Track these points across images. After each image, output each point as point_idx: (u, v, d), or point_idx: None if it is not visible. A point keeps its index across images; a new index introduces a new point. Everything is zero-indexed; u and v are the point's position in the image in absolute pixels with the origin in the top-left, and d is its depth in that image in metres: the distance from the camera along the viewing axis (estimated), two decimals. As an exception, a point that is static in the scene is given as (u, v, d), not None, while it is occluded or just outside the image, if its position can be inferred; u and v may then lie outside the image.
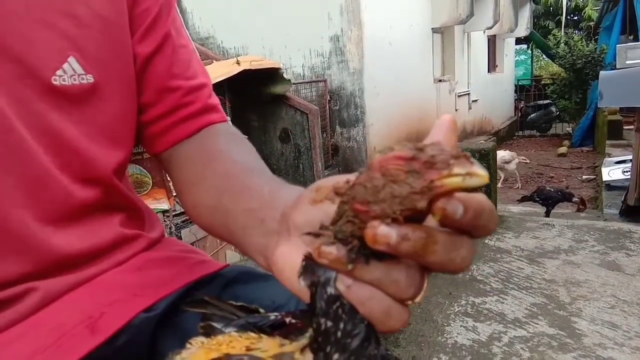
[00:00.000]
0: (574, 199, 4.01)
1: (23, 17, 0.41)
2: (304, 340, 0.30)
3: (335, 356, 0.26)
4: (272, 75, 4.39)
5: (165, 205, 3.38)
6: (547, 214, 3.79)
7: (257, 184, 0.42)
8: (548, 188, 4.04)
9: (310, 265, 0.28)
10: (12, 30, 0.40)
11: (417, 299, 0.26)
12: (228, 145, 0.54)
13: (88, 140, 0.45)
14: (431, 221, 0.25)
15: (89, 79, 0.45)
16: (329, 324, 0.26)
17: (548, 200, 3.81)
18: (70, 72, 0.43)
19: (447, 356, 1.96)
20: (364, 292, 0.26)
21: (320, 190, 0.29)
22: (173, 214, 3.55)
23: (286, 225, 0.32)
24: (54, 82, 0.42)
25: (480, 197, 0.24)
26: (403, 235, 0.23)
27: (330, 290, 0.26)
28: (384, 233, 0.23)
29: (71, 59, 0.43)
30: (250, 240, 0.38)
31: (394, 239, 0.23)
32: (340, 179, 0.29)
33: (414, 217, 0.24)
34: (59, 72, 0.43)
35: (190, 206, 0.51)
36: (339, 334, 0.26)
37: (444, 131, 0.26)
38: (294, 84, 4.89)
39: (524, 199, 4.37)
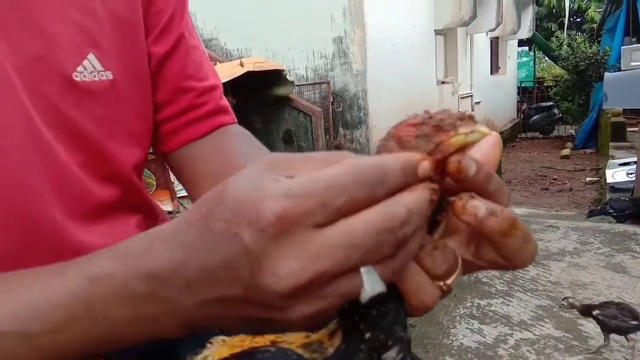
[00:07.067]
0: None
1: (43, 13, 0.41)
2: (330, 326, 0.30)
3: (368, 334, 0.27)
4: (275, 77, 4.40)
5: (168, 207, 3.39)
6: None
7: None
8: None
9: None
10: (33, 26, 0.40)
11: (450, 281, 0.27)
12: (243, 146, 0.55)
13: (109, 138, 0.45)
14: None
15: (108, 75, 0.45)
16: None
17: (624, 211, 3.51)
18: (90, 69, 0.43)
19: (452, 358, 1.95)
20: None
21: None
22: (177, 215, 3.56)
23: None
24: (75, 79, 0.42)
25: (490, 168, 0.26)
26: (492, 211, 0.25)
27: None
28: (473, 205, 0.25)
29: (90, 56, 0.43)
30: None
31: (482, 213, 0.24)
32: None
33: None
34: (79, 69, 0.42)
35: None
36: (374, 311, 0.27)
37: (488, 146, 0.27)
38: (297, 85, 4.90)
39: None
